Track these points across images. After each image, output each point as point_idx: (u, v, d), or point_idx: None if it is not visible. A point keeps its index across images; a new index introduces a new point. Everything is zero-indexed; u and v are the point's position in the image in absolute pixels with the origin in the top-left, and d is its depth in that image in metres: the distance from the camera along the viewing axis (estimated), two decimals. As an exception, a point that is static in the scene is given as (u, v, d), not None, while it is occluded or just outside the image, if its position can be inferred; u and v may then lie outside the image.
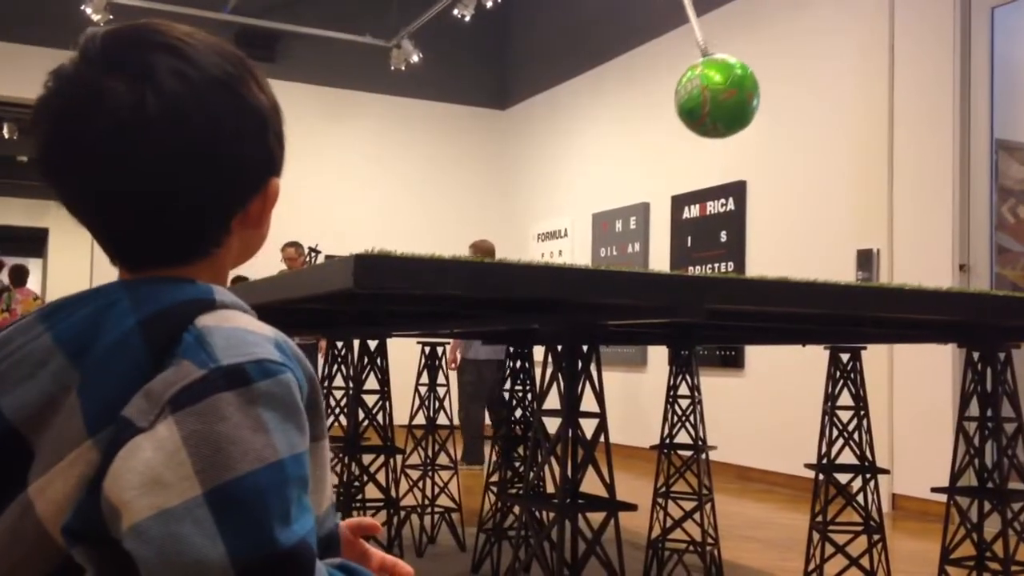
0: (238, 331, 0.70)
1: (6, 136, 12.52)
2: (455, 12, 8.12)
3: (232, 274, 0.83)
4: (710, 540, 3.65)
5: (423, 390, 4.56)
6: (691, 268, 7.47)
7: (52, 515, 0.67)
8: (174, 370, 0.67)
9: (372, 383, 3.54)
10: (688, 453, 3.71)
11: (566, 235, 9.43)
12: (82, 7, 7.80)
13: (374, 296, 2.17)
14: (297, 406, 0.69)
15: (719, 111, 2.55)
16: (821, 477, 3.49)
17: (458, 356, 6.91)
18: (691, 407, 3.68)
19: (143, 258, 0.77)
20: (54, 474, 0.67)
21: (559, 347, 2.31)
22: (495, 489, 3.99)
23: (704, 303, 1.95)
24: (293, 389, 0.69)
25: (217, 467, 0.63)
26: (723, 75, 2.53)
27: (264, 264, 6.05)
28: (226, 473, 0.63)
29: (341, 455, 3.52)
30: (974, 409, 3.03)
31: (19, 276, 9.52)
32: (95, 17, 7.75)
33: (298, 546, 0.64)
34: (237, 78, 0.76)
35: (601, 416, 2.30)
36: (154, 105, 0.71)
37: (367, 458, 3.62)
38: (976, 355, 3.03)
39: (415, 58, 9.06)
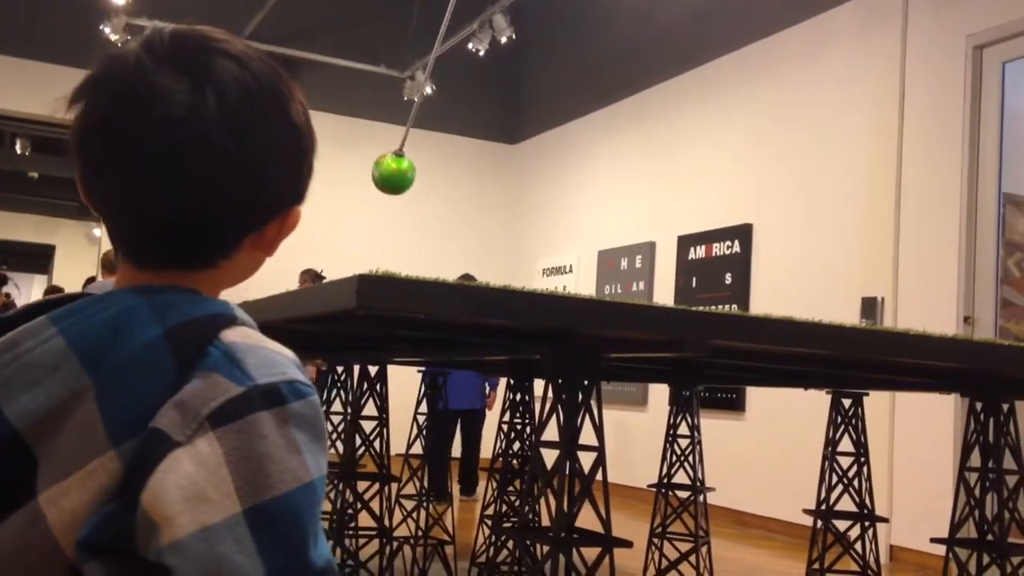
0: (264, 350, 0.69)
1: (19, 152, 12.57)
2: (470, 46, 8.19)
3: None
4: (705, 583, 3.61)
5: (422, 419, 4.53)
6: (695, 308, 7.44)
7: (65, 525, 0.64)
8: (205, 383, 0.65)
9: (371, 409, 3.53)
10: (686, 494, 3.68)
11: (571, 271, 9.43)
12: (101, 27, 7.87)
13: (376, 318, 2.16)
14: (323, 429, 0.69)
15: (387, 185, 4.79)
16: (819, 523, 3.45)
17: None
18: (690, 447, 3.66)
19: (151, 256, 0.75)
20: (70, 483, 0.64)
21: (560, 379, 2.30)
22: (490, 522, 3.95)
23: (709, 339, 1.94)
24: (319, 412, 0.69)
25: (256, 485, 0.63)
26: (396, 165, 4.74)
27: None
28: (265, 492, 0.63)
29: (336, 481, 3.48)
30: (975, 460, 3.01)
31: None
32: (113, 37, 7.80)
33: (327, 568, 0.66)
34: (288, 97, 0.76)
35: (600, 450, 2.28)
36: (214, 109, 0.70)
37: (361, 485, 3.59)
38: (979, 405, 3.01)
39: (428, 90, 9.12)
